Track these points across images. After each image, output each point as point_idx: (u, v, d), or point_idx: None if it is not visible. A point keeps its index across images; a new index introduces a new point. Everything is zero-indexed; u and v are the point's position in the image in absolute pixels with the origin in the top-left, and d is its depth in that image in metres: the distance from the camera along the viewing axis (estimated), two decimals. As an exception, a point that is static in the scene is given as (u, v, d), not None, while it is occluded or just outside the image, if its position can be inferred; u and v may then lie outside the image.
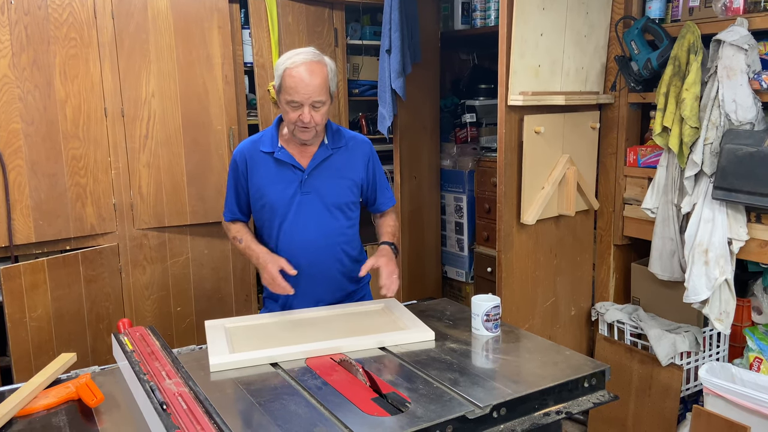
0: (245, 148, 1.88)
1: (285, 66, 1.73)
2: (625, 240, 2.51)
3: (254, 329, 1.70)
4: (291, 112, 1.73)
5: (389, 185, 2.01)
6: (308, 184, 1.82)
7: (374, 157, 1.94)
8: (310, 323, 1.72)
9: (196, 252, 2.87)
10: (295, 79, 1.70)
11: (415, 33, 3.06)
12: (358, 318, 1.77)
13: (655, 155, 2.33)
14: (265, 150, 1.84)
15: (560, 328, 2.53)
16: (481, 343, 1.61)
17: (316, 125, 1.75)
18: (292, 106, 1.73)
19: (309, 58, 1.73)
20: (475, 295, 1.67)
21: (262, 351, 1.51)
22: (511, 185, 2.26)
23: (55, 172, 2.51)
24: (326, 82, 1.74)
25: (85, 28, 2.53)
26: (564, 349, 1.54)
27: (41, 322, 2.47)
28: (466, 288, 3.56)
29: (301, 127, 1.75)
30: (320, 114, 1.74)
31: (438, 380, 1.38)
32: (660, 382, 2.32)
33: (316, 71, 1.72)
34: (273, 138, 1.85)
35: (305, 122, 1.73)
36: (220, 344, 1.55)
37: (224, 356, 1.47)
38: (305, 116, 1.72)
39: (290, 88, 1.71)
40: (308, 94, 1.70)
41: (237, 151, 1.89)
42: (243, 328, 1.71)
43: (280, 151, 1.82)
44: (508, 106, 2.18)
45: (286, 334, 1.65)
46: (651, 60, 2.25)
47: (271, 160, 1.82)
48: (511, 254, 2.30)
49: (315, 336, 1.60)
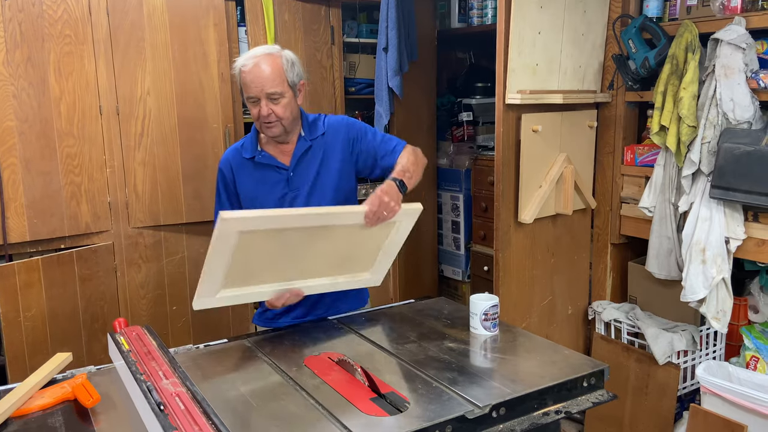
0: (229, 157, 1.86)
1: (240, 64, 1.74)
2: (621, 239, 2.51)
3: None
4: (252, 108, 1.74)
5: (389, 137, 1.86)
6: (295, 180, 1.80)
7: (354, 129, 1.85)
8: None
9: (192, 251, 2.86)
10: (247, 74, 1.71)
11: (411, 31, 3.05)
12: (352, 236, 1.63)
13: (653, 154, 2.33)
14: (247, 156, 1.82)
15: (557, 326, 2.53)
16: (479, 343, 1.60)
17: (280, 119, 1.73)
18: (251, 102, 1.73)
19: (262, 52, 1.73)
20: (474, 294, 1.66)
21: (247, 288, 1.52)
22: (509, 184, 2.25)
23: (50, 170, 2.49)
24: (280, 73, 1.71)
25: (80, 25, 2.50)
26: (563, 349, 1.54)
27: (36, 322, 2.45)
28: (463, 287, 3.56)
29: (265, 123, 1.73)
30: (281, 107, 1.72)
31: (437, 380, 1.37)
32: (657, 380, 2.32)
33: (267, 62, 1.71)
34: (253, 142, 1.84)
35: (264, 116, 1.71)
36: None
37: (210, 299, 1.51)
38: (263, 110, 1.70)
39: (245, 85, 1.72)
40: (260, 86, 1.69)
41: (222, 161, 1.87)
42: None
43: (260, 155, 1.81)
44: (505, 105, 2.17)
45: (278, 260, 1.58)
46: (648, 59, 2.25)
47: (253, 165, 1.81)
48: (509, 253, 2.29)
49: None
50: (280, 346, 1.60)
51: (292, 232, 1.51)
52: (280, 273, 1.60)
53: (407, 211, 1.63)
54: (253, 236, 1.46)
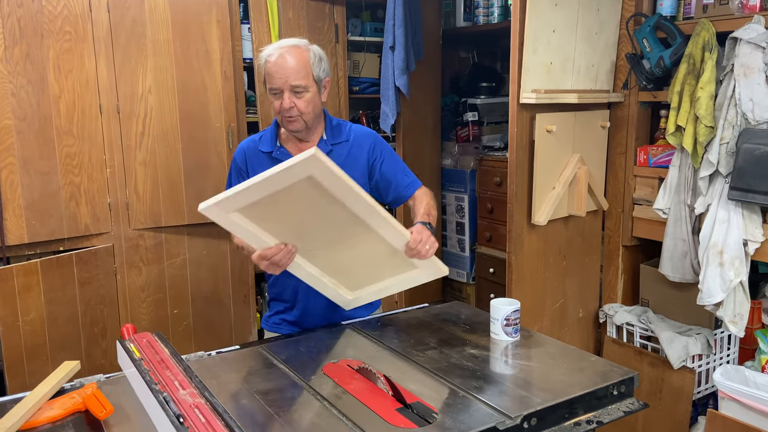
0: (246, 147, 1.80)
1: (266, 54, 1.68)
2: (633, 241, 2.47)
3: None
4: (274, 101, 1.67)
5: (408, 170, 1.84)
6: None
7: (379, 147, 1.80)
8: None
9: (194, 252, 2.79)
10: (272, 65, 1.65)
11: (418, 29, 3.01)
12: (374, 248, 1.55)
13: (667, 155, 2.29)
14: (264, 149, 1.76)
15: (568, 330, 2.49)
16: (501, 349, 1.55)
17: (301, 114, 1.67)
18: (273, 94, 1.67)
19: (290, 44, 1.68)
20: (494, 299, 1.62)
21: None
22: (522, 185, 2.21)
23: (49, 170, 2.42)
24: (306, 66, 1.66)
25: (80, 21, 2.44)
26: (588, 355, 1.50)
27: (34, 326, 2.37)
28: (467, 289, 3.52)
29: (286, 116, 1.67)
30: (303, 101, 1.66)
31: (463, 389, 1.32)
32: (671, 385, 2.29)
33: (293, 54, 1.65)
34: (272, 137, 1.78)
35: (286, 109, 1.65)
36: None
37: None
38: (285, 102, 1.64)
39: (269, 75, 1.66)
40: (285, 77, 1.63)
41: (238, 151, 1.82)
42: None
43: (278, 150, 1.75)
44: (520, 104, 2.13)
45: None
46: (664, 58, 2.21)
47: (270, 160, 1.74)
48: (522, 255, 2.25)
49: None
50: (296, 352, 1.55)
51: (342, 209, 1.40)
52: (293, 238, 1.50)
53: (436, 265, 1.57)
54: (312, 189, 1.35)
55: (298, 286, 1.76)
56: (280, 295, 1.85)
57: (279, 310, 1.88)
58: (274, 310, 1.90)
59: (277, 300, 1.89)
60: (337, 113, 3.14)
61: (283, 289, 1.83)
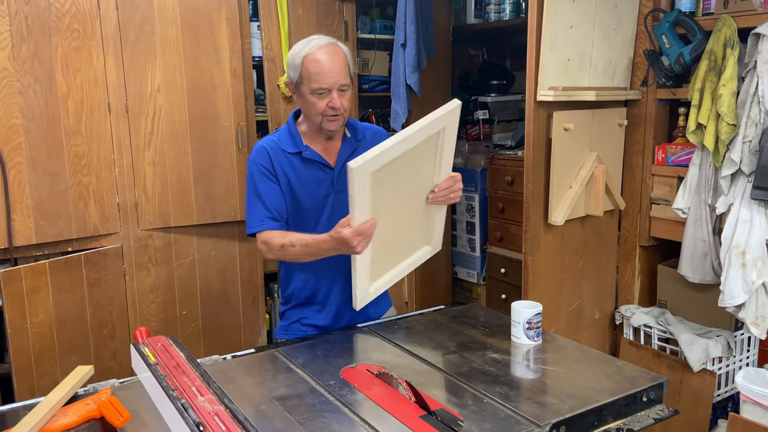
0: (269, 148, 1.71)
1: (305, 52, 1.62)
2: (651, 241, 2.43)
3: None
4: (318, 102, 1.62)
5: None
6: (340, 182, 1.70)
7: None
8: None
9: (203, 253, 2.76)
10: (320, 63, 1.59)
11: (429, 26, 2.97)
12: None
13: (686, 153, 2.25)
14: (290, 150, 1.70)
15: (584, 332, 2.45)
16: (523, 353, 1.51)
17: (344, 111, 1.65)
18: (319, 94, 1.62)
19: (327, 41, 1.64)
20: (516, 302, 1.58)
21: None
22: (539, 184, 2.17)
23: (57, 170, 2.39)
24: (347, 64, 1.65)
25: (88, 19, 2.40)
26: (614, 360, 1.46)
27: (43, 328, 2.34)
28: (478, 289, 3.48)
29: (331, 115, 1.64)
30: (347, 99, 1.65)
31: (487, 395, 1.28)
32: (691, 388, 2.24)
33: (337, 53, 1.63)
34: (295, 137, 1.72)
35: (336, 108, 1.62)
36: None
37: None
38: (335, 101, 1.61)
39: (316, 74, 1.60)
40: (335, 77, 1.60)
41: (260, 153, 1.70)
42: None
43: (307, 150, 1.70)
44: (536, 102, 2.09)
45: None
46: (684, 54, 2.17)
47: (299, 160, 1.70)
48: (538, 256, 2.21)
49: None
50: (313, 356, 1.51)
51: (430, 168, 1.51)
52: (378, 210, 1.48)
53: (439, 240, 1.60)
54: (429, 146, 1.47)
55: (332, 284, 1.73)
56: (312, 298, 1.77)
57: (304, 317, 1.79)
58: (296, 317, 1.80)
59: (304, 305, 1.79)
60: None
61: (315, 290, 1.76)
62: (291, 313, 1.81)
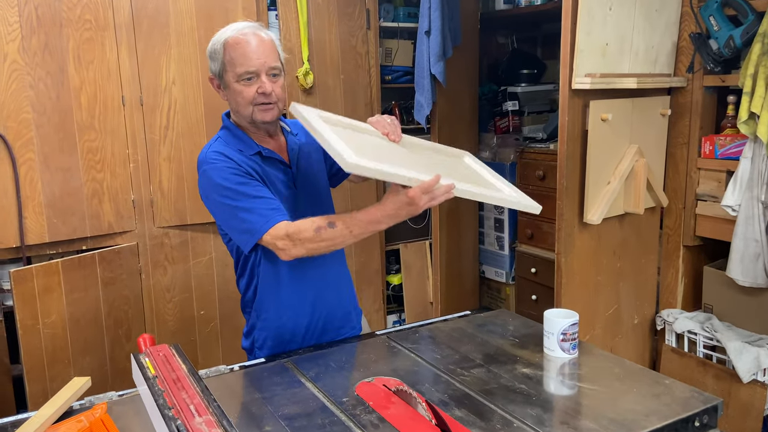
0: (227, 154, 1.46)
1: (225, 37, 1.47)
2: (696, 240, 2.25)
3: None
4: (246, 89, 1.45)
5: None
6: (299, 180, 1.57)
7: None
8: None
9: (220, 251, 2.67)
10: (243, 45, 1.44)
11: (455, 13, 2.81)
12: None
13: (737, 145, 2.06)
14: (248, 152, 1.49)
15: (622, 338, 2.28)
16: (557, 368, 1.37)
17: (278, 101, 1.48)
18: (246, 80, 1.44)
19: (249, 24, 1.50)
20: (548, 310, 1.43)
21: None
22: (573, 180, 2.01)
23: (70, 166, 2.32)
24: (275, 48, 1.50)
25: (101, 9, 2.32)
26: (661, 377, 1.30)
27: (55, 329, 2.28)
28: (506, 289, 3.32)
29: (263, 103, 1.45)
30: (279, 86, 1.48)
31: (518, 418, 1.15)
32: (739, 400, 2.07)
33: (261, 36, 1.48)
34: (243, 137, 1.51)
35: (267, 93, 1.44)
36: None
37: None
38: (266, 86, 1.44)
39: (240, 57, 1.44)
40: (262, 58, 1.44)
41: (220, 162, 1.45)
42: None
43: (265, 149, 1.52)
44: (571, 90, 1.92)
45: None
46: (734, 37, 1.98)
47: (260, 160, 1.50)
48: (572, 257, 2.05)
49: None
50: (325, 368, 1.39)
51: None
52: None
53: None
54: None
55: (318, 285, 1.59)
56: (298, 306, 1.57)
57: (284, 333, 1.58)
58: (266, 338, 1.58)
59: (283, 319, 1.58)
60: (368, 104, 2.97)
61: (300, 300, 1.58)
62: (267, 336, 1.60)
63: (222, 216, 1.49)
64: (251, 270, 1.56)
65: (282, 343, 1.57)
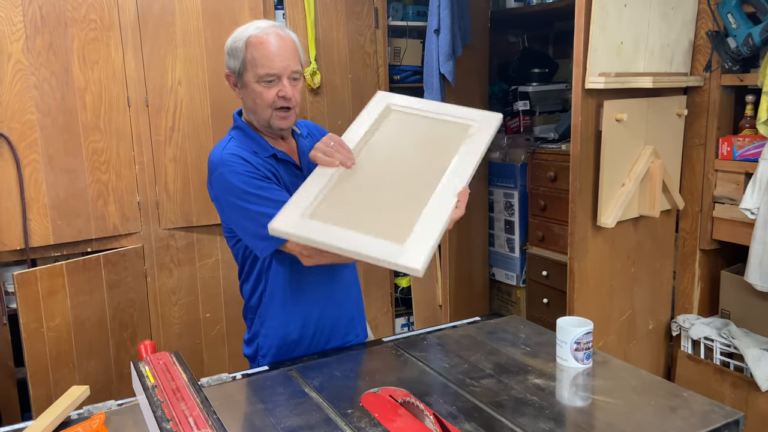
0: (242, 156, 1.42)
1: (247, 35, 1.41)
2: (713, 244, 2.19)
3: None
4: (266, 91, 1.40)
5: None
6: None
7: (321, 131, 1.65)
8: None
9: (227, 253, 2.63)
10: (266, 46, 1.39)
11: (465, 11, 2.76)
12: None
13: (756, 147, 2.00)
14: (264, 154, 1.45)
15: (636, 344, 2.22)
16: (570, 378, 1.32)
17: (295, 106, 1.45)
18: (267, 82, 1.40)
19: (272, 24, 1.45)
20: (561, 318, 1.39)
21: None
22: (587, 182, 1.95)
23: (75, 168, 2.29)
24: (297, 50, 1.45)
25: (106, 8, 2.29)
26: (679, 389, 1.25)
27: (60, 332, 2.26)
28: (517, 292, 3.27)
29: (281, 108, 1.42)
30: (298, 91, 1.45)
31: (529, 432, 1.10)
32: (758, 408, 2.00)
33: (285, 37, 1.43)
34: (257, 138, 1.47)
35: (288, 97, 1.40)
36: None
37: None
38: (287, 90, 1.39)
39: (263, 58, 1.39)
40: (285, 61, 1.40)
41: (236, 162, 1.40)
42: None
43: (280, 151, 1.48)
44: (585, 90, 1.87)
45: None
46: (753, 35, 1.92)
47: (274, 162, 1.47)
48: (585, 261, 2.00)
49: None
50: (330, 377, 1.35)
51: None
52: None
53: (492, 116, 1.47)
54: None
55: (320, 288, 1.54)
56: (307, 313, 1.53)
57: (289, 341, 1.55)
58: (271, 346, 1.54)
59: (290, 327, 1.53)
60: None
61: (309, 308, 1.53)
62: (273, 342, 1.55)
63: (238, 220, 1.44)
64: (258, 276, 1.52)
65: (287, 350, 1.53)
